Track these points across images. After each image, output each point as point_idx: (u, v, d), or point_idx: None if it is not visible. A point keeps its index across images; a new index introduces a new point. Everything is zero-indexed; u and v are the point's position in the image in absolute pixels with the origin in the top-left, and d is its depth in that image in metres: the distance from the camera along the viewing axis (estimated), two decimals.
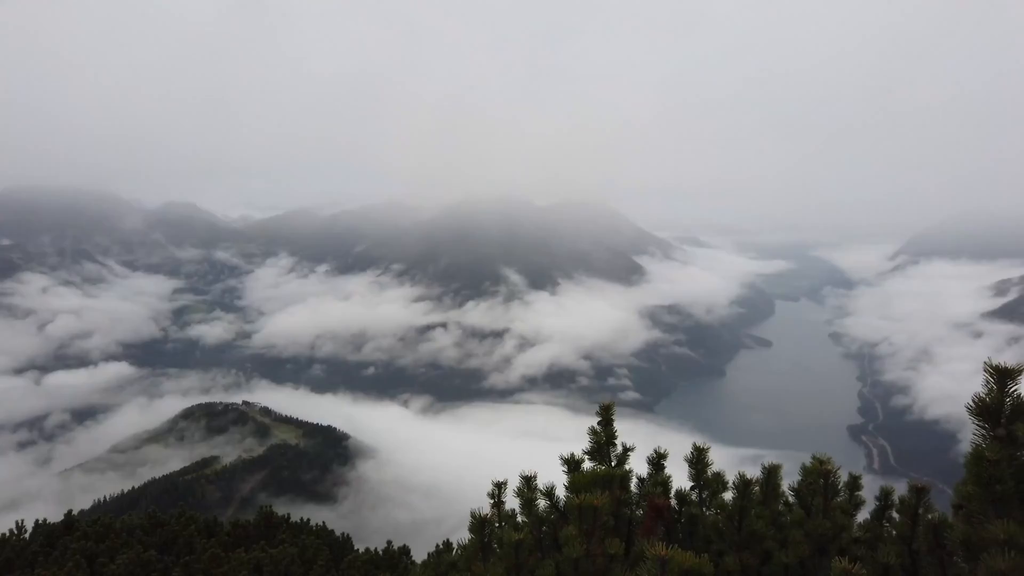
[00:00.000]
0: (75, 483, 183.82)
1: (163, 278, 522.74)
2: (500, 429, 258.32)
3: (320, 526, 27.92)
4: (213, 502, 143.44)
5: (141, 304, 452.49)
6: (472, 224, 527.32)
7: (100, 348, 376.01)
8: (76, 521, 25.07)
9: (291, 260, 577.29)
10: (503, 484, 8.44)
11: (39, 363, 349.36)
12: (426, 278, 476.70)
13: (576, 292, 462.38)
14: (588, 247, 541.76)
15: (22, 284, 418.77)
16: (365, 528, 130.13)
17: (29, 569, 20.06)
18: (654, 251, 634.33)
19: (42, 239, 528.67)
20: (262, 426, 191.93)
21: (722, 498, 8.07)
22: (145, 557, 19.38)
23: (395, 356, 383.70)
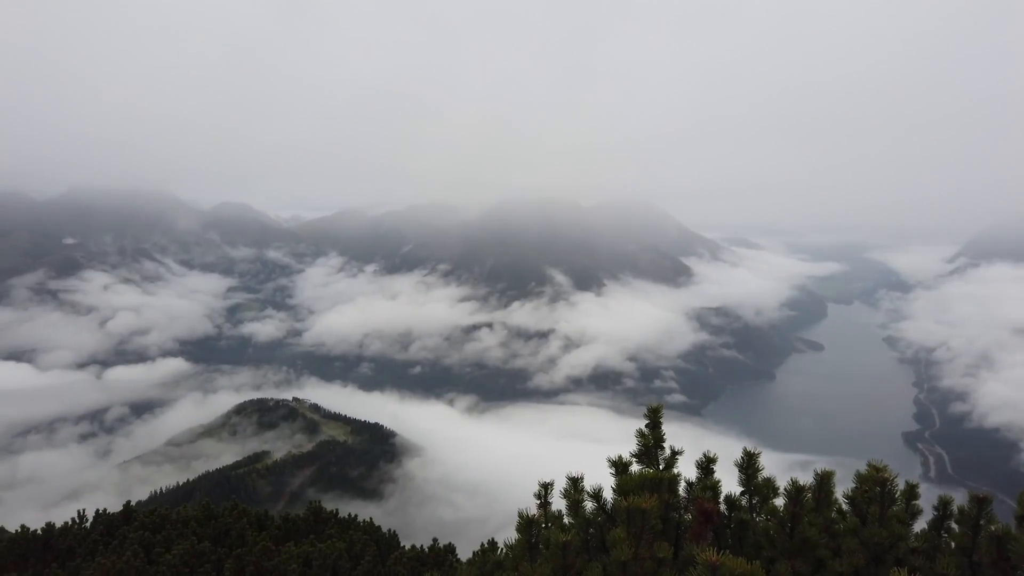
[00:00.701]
0: (133, 475, 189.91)
1: (218, 277, 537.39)
2: (544, 430, 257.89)
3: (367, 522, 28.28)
4: (264, 496, 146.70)
5: (197, 302, 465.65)
6: (517, 225, 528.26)
7: (158, 344, 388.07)
8: (134, 512, 25.92)
9: (340, 260, 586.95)
10: (549, 485, 8.46)
11: (100, 358, 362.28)
12: (472, 278, 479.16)
13: (622, 293, 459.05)
14: (634, 248, 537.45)
15: (85, 282, 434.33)
16: (411, 525, 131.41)
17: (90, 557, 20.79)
18: (702, 252, 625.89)
19: (104, 238, 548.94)
20: (311, 422, 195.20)
21: (773, 504, 7.94)
22: (199, 548, 19.91)
23: (441, 355, 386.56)
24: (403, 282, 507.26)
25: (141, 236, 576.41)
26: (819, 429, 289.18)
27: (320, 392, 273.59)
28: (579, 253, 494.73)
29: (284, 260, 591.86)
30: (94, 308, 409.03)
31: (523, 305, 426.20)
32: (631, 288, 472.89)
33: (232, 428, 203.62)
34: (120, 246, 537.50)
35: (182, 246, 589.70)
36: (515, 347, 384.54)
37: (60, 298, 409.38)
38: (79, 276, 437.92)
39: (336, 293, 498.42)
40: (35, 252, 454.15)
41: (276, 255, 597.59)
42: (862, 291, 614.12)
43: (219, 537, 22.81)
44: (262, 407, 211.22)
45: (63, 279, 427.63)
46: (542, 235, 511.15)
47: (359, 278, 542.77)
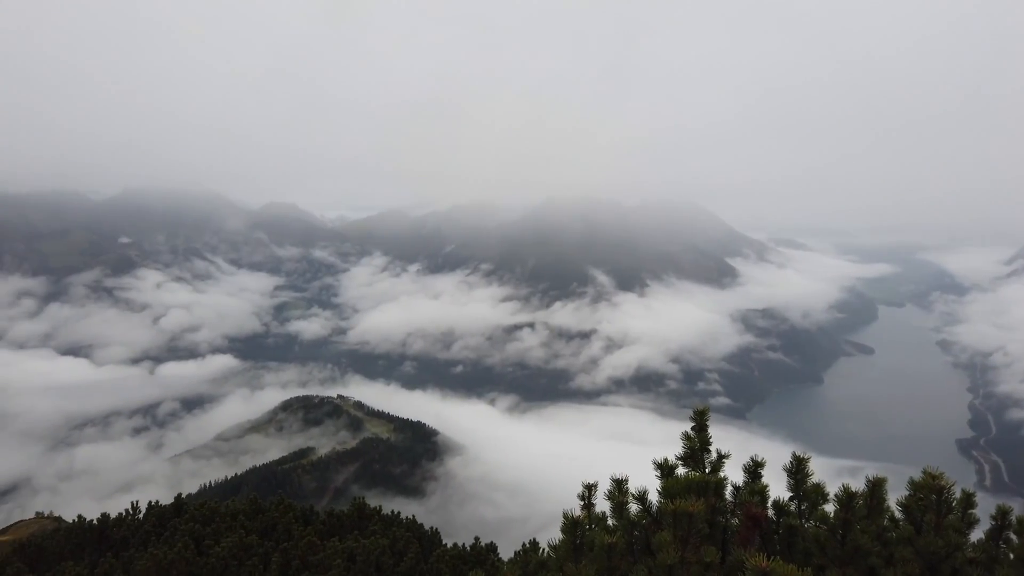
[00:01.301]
0: (184, 468, 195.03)
1: (265, 275, 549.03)
2: (586, 430, 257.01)
3: (410, 519, 28.52)
4: (309, 491, 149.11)
5: (245, 300, 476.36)
6: (558, 225, 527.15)
7: (208, 341, 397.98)
8: (185, 504, 26.62)
9: (384, 259, 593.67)
10: (593, 486, 8.42)
11: (153, 354, 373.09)
12: (514, 278, 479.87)
13: (665, 294, 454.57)
14: (677, 248, 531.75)
15: (139, 280, 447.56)
16: (452, 523, 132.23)
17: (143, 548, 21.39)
18: (747, 253, 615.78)
19: (157, 238, 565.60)
20: (355, 419, 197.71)
21: (823, 510, 7.77)
22: (247, 541, 20.34)
23: (483, 355, 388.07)
24: (445, 282, 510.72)
25: (192, 235, 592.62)
26: (868, 434, 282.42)
27: (364, 390, 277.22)
28: (621, 253, 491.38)
29: (330, 259, 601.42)
30: (147, 305, 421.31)
31: (565, 305, 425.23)
32: (674, 289, 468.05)
33: (279, 424, 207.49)
34: (172, 245, 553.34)
35: (231, 245, 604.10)
36: (557, 347, 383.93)
37: (115, 295, 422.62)
38: (133, 274, 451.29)
39: (380, 292, 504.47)
40: (92, 251, 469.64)
41: (322, 254, 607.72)
42: (914, 293, 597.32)
43: (266, 531, 23.28)
44: (307, 404, 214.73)
45: (118, 277, 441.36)
46: (584, 235, 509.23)
47: (402, 277, 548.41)
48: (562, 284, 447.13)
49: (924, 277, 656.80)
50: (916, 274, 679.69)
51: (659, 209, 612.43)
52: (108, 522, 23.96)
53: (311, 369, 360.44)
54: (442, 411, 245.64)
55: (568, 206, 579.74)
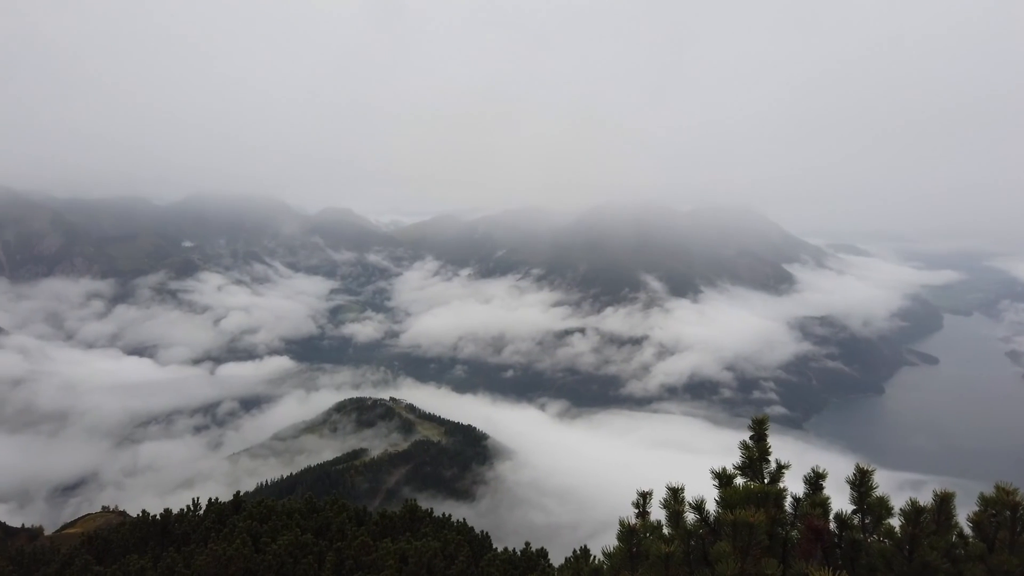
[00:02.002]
0: (242, 466, 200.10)
1: (321, 279, 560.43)
2: (637, 438, 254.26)
3: (461, 522, 28.63)
4: (361, 492, 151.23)
5: (301, 303, 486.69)
6: (610, 229, 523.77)
7: (265, 343, 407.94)
8: (243, 502, 27.28)
9: (436, 263, 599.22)
10: (648, 494, 8.31)
11: (214, 355, 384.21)
12: (564, 283, 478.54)
13: (719, 300, 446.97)
14: (732, 254, 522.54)
15: (201, 283, 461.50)
16: (502, 528, 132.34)
17: (203, 543, 21.99)
18: (806, 259, 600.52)
19: (219, 242, 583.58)
20: (407, 422, 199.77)
21: (889, 524, 7.51)
22: (303, 540, 20.71)
23: (533, 360, 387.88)
24: (497, 286, 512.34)
25: (252, 240, 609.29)
26: (933, 447, 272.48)
27: (415, 393, 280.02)
28: (674, 258, 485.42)
29: (383, 263, 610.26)
30: (209, 307, 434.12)
31: (616, 311, 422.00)
32: (729, 295, 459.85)
33: (332, 425, 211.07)
34: (233, 249, 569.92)
35: (289, 249, 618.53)
36: (608, 353, 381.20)
37: (179, 298, 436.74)
38: (196, 277, 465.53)
39: (432, 296, 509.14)
40: (157, 254, 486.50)
41: (376, 258, 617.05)
42: (982, 301, 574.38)
43: (320, 530, 23.68)
44: (361, 406, 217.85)
45: (181, 280, 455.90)
46: (636, 240, 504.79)
47: (454, 282, 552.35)
48: (613, 289, 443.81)
49: (992, 285, 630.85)
50: (984, 281, 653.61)
51: (713, 214, 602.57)
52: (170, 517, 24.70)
53: (364, 371, 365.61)
54: (492, 415, 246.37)
55: (619, 211, 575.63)
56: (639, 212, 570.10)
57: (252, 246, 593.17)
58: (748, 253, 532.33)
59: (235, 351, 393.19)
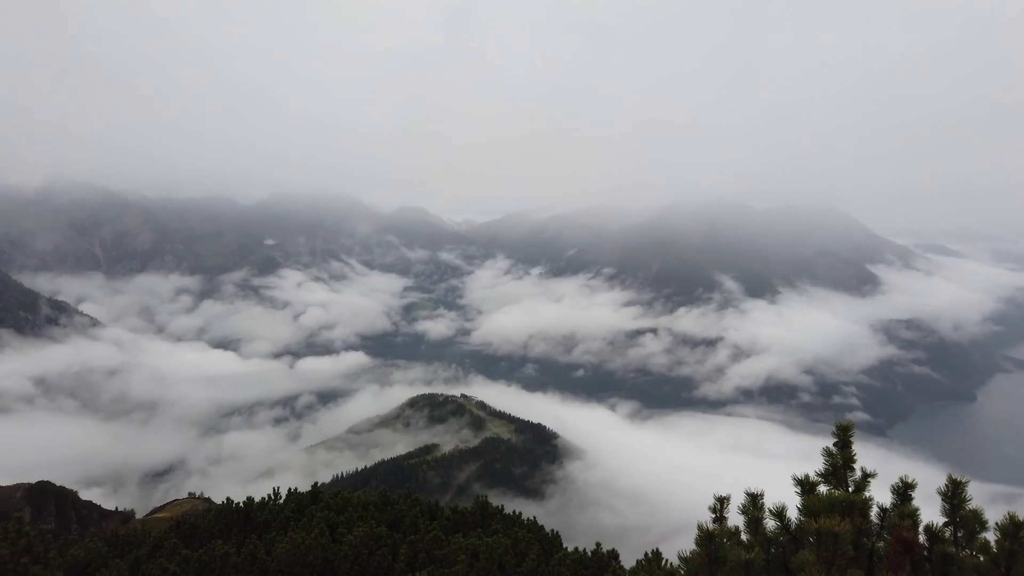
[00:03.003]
0: (318, 458, 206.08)
1: (395, 277, 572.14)
2: (710, 441, 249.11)
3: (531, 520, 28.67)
4: (433, 487, 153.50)
5: (376, 300, 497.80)
6: (682, 228, 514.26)
7: (342, 338, 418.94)
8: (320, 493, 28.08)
9: (507, 262, 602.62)
10: (726, 499, 8.14)
11: (293, 349, 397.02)
12: (636, 283, 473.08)
13: (798, 302, 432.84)
14: (813, 254, 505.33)
15: (282, 279, 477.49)
16: (571, 528, 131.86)
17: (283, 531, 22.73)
18: (891, 259, 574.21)
19: (298, 240, 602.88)
20: (477, 419, 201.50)
21: (983, 539, 7.12)
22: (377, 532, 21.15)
23: (604, 359, 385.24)
24: (567, 285, 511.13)
25: (330, 238, 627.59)
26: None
27: (486, 390, 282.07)
28: (751, 258, 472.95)
29: (455, 262, 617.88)
30: (288, 303, 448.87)
31: (689, 311, 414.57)
32: (809, 296, 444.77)
33: (405, 420, 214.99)
34: (312, 247, 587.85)
35: (365, 247, 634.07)
36: (680, 354, 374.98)
37: (261, 294, 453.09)
38: (277, 274, 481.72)
39: (503, 294, 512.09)
40: (241, 252, 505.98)
41: (448, 257, 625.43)
42: None
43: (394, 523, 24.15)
44: (433, 402, 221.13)
45: (264, 276, 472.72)
46: (710, 239, 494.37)
47: (525, 280, 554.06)
48: (687, 290, 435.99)
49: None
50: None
51: (792, 213, 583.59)
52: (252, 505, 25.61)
53: (436, 368, 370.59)
54: (562, 414, 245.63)
55: (692, 209, 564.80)
56: (712, 210, 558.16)
57: (330, 244, 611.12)
58: (829, 253, 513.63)
59: (313, 346, 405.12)
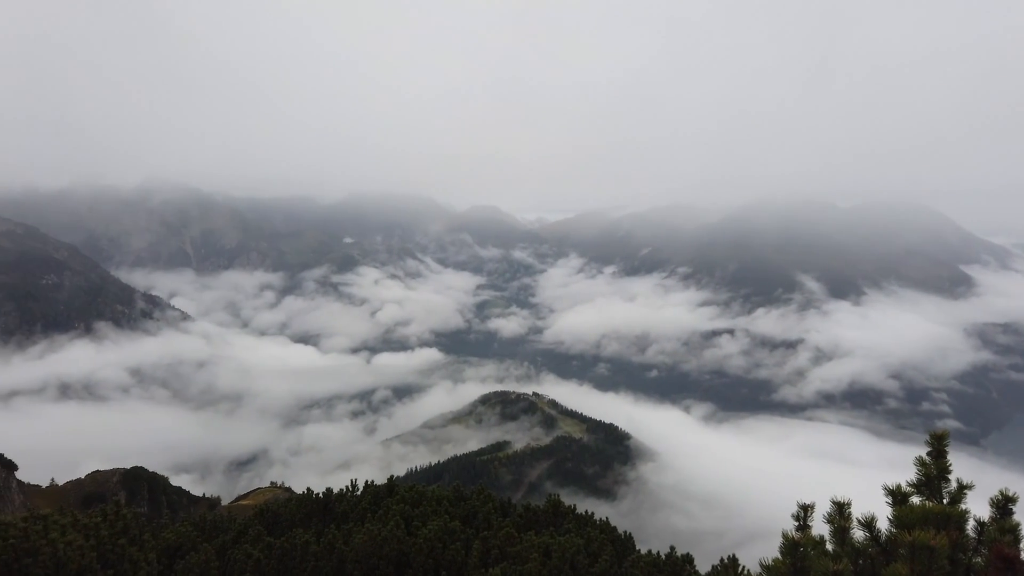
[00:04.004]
0: (393, 452, 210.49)
1: (468, 275, 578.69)
2: (789, 446, 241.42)
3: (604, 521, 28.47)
4: (504, 483, 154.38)
5: (450, 297, 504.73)
6: (761, 227, 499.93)
7: (417, 335, 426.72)
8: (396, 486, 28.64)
9: (580, 261, 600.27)
10: (810, 507, 7.87)
11: (370, 345, 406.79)
12: (713, 282, 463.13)
13: (885, 303, 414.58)
14: (900, 253, 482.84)
15: (360, 276, 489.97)
16: (644, 530, 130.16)
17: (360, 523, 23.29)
18: (987, 260, 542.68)
19: (375, 238, 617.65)
20: (549, 417, 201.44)
21: None
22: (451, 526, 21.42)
23: (679, 360, 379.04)
24: (641, 284, 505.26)
25: (405, 236, 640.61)
26: None
27: (557, 389, 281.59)
28: (835, 258, 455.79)
29: (528, 260, 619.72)
30: (366, 300, 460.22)
31: (768, 312, 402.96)
32: (896, 298, 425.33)
33: (478, 417, 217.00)
34: (388, 245, 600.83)
35: (439, 245, 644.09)
36: (758, 356, 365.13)
37: (340, 290, 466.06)
38: (355, 271, 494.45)
39: (575, 293, 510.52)
40: (321, 249, 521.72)
41: (521, 255, 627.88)
42: None
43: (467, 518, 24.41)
44: (505, 399, 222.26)
45: (342, 274, 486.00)
46: (791, 238, 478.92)
47: (597, 279, 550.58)
48: (766, 290, 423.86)
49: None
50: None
51: (879, 210, 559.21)
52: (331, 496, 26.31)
53: (508, 366, 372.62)
54: (635, 415, 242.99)
55: (772, 207, 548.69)
56: (793, 208, 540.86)
57: (406, 242, 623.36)
58: (919, 252, 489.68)
59: (389, 342, 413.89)
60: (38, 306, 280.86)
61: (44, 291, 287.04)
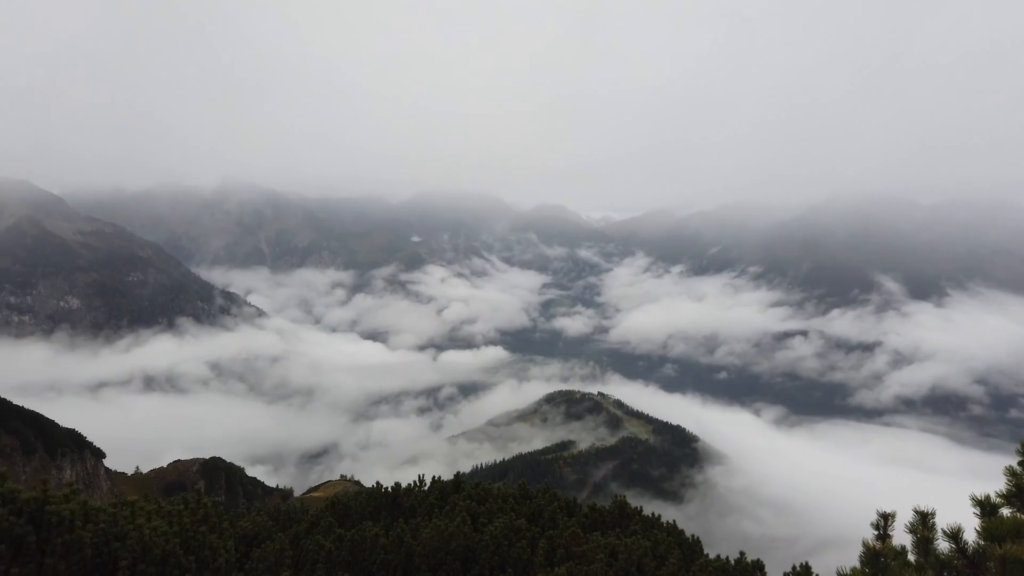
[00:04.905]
0: (459, 448, 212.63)
1: (534, 273, 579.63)
2: (865, 452, 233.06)
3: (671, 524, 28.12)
4: (569, 483, 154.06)
5: (516, 296, 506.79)
6: (837, 225, 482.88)
7: (482, 333, 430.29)
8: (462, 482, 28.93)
9: (647, 260, 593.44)
10: (890, 516, 7.58)
11: (436, 342, 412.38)
12: (785, 282, 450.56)
13: (970, 305, 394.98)
14: (988, 253, 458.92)
15: (427, 275, 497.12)
16: (711, 534, 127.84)
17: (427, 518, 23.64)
18: None
19: (442, 237, 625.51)
20: (614, 418, 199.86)
21: None
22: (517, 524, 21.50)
23: (749, 362, 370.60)
24: (710, 284, 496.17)
25: (471, 235, 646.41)
26: None
27: (623, 389, 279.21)
28: (916, 257, 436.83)
29: (594, 259, 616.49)
30: (433, 298, 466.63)
31: (844, 313, 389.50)
32: (983, 299, 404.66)
33: (542, 415, 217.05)
34: (455, 244, 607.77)
35: (505, 245, 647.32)
36: (833, 359, 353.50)
37: (407, 288, 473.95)
38: (422, 270, 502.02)
39: (642, 293, 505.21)
40: (389, 248, 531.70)
41: (587, 254, 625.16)
42: None
43: (533, 516, 24.46)
44: (569, 398, 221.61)
45: (410, 272, 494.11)
46: (868, 236, 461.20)
47: (664, 279, 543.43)
48: (841, 290, 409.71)
49: None
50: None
51: (964, 207, 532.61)
52: (400, 491, 26.76)
53: (573, 365, 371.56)
54: (702, 417, 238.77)
55: (847, 205, 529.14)
56: (870, 206, 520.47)
57: (472, 241, 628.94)
58: (1008, 252, 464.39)
59: (455, 340, 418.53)
60: (124, 302, 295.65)
61: (130, 288, 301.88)
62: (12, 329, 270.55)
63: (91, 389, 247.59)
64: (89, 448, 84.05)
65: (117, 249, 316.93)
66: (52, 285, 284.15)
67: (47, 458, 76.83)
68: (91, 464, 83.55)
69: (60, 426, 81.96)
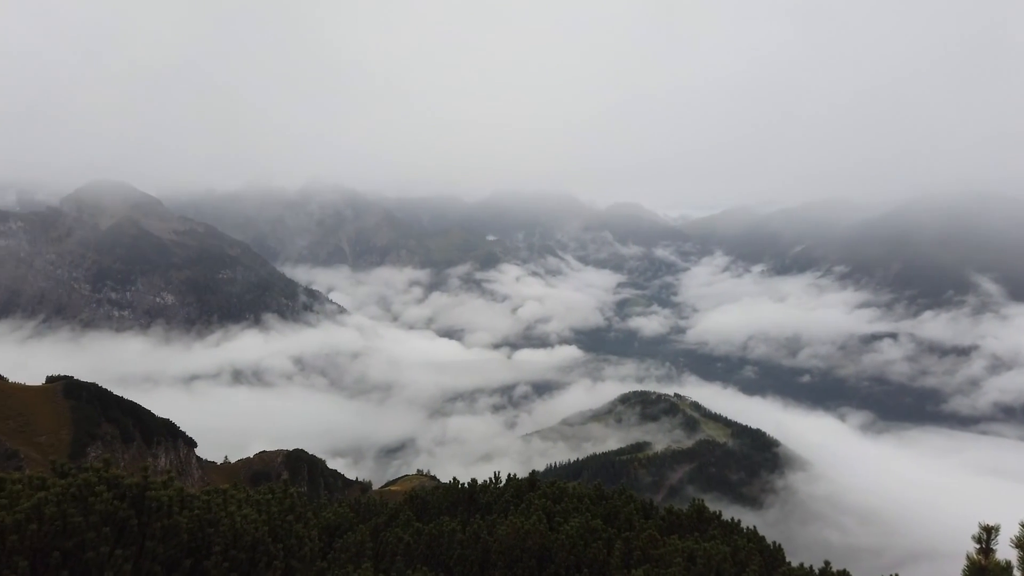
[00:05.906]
0: (534, 447, 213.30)
1: (609, 273, 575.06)
2: (959, 461, 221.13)
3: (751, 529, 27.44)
4: (644, 485, 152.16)
5: (590, 295, 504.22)
6: (929, 223, 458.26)
7: (556, 332, 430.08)
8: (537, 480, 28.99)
9: (726, 259, 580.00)
10: (993, 529, 7.19)
11: (511, 341, 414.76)
12: (873, 283, 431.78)
13: None
14: None
15: (502, 273, 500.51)
16: (793, 541, 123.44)
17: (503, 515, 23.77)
18: None
19: (517, 235, 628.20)
20: (691, 420, 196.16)
21: None
22: (593, 524, 21.39)
23: (833, 365, 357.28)
24: (792, 284, 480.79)
25: (546, 234, 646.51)
26: None
27: (700, 391, 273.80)
28: (1017, 257, 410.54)
29: (670, 258, 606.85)
30: (507, 297, 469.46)
31: (937, 315, 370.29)
32: None
33: (617, 416, 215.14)
34: (529, 243, 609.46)
35: (579, 243, 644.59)
36: (925, 363, 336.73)
37: (482, 287, 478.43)
38: (497, 269, 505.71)
39: (720, 292, 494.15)
40: (465, 247, 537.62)
41: (663, 253, 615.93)
42: None
43: (609, 517, 24.26)
44: (645, 399, 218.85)
45: (485, 271, 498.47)
46: (963, 235, 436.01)
47: (744, 278, 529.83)
48: (934, 291, 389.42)
49: None
50: None
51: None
52: (476, 487, 27.02)
53: (648, 365, 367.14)
54: (784, 421, 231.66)
55: (940, 202, 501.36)
56: (965, 202, 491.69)
57: (546, 240, 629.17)
58: None
59: (529, 338, 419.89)
60: (215, 298, 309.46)
61: (220, 285, 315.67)
62: (113, 323, 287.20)
63: (184, 381, 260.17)
64: (182, 437, 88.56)
65: (209, 248, 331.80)
66: (149, 282, 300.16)
67: (144, 446, 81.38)
68: (184, 453, 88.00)
69: (156, 416, 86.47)
